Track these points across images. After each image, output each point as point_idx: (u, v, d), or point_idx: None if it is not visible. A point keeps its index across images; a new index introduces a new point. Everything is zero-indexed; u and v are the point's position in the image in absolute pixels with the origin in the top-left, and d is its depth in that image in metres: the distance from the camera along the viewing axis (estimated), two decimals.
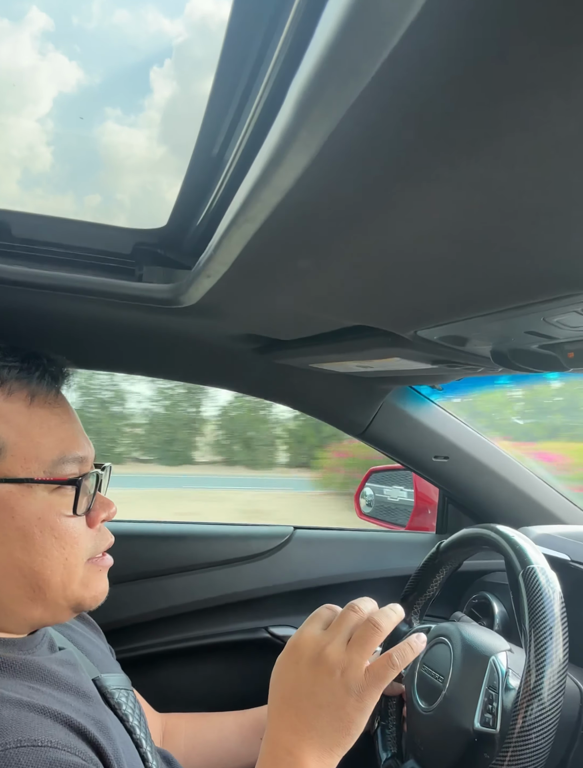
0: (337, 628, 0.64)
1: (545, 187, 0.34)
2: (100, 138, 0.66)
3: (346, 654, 0.62)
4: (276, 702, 0.63)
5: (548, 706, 0.70)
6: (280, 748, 0.60)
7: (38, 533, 0.62)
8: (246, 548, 1.40)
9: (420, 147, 0.32)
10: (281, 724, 0.61)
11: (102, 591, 0.69)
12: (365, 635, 0.63)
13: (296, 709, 0.61)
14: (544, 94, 0.26)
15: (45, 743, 0.52)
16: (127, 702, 0.74)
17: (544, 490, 1.37)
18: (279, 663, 0.67)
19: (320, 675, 0.61)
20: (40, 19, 0.58)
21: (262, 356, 1.03)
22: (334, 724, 0.60)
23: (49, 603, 0.64)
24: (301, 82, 0.30)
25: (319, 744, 0.59)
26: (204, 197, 0.59)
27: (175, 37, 0.57)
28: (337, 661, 0.61)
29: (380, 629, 0.64)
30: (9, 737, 0.51)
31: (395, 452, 1.38)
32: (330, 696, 0.60)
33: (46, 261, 0.67)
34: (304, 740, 0.59)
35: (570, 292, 0.50)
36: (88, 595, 0.67)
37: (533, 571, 0.79)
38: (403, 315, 0.68)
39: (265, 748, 0.62)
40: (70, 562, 0.64)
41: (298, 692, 0.62)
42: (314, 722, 0.60)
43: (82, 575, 0.66)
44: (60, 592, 0.64)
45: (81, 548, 0.66)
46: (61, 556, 0.63)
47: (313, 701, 0.61)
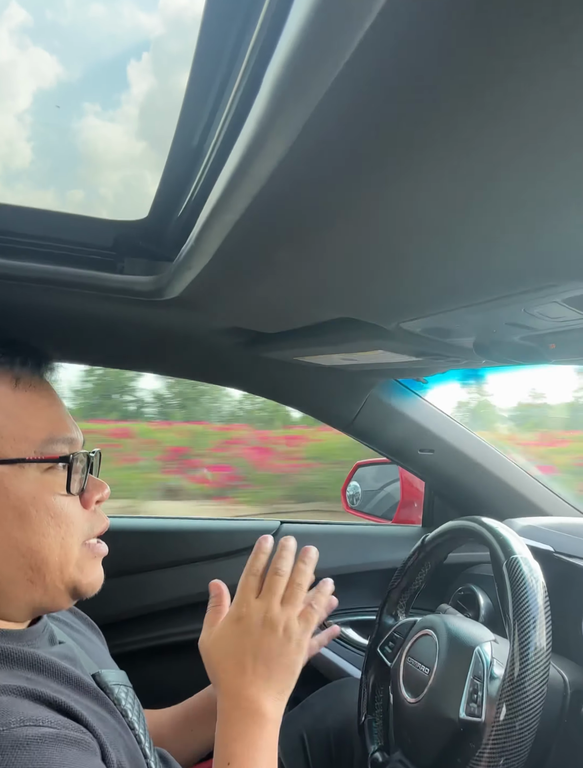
0: (270, 594, 0.75)
1: (525, 179, 0.35)
2: (80, 133, 0.66)
3: (283, 613, 0.74)
4: (228, 667, 0.73)
5: (532, 695, 0.71)
6: (243, 700, 0.70)
7: (34, 512, 0.63)
8: (232, 543, 1.40)
9: (396, 138, 0.32)
10: (240, 681, 0.71)
11: (97, 578, 0.70)
12: (294, 594, 0.76)
13: (252, 667, 0.71)
14: (520, 82, 0.26)
15: (46, 723, 0.54)
16: (126, 698, 0.74)
17: (528, 482, 1.38)
18: (222, 633, 0.75)
19: (266, 635, 0.73)
20: (18, 15, 0.57)
21: (247, 350, 1.03)
22: (283, 671, 0.72)
23: (48, 585, 0.65)
24: (274, 72, 0.30)
25: (275, 690, 0.71)
26: (184, 189, 0.58)
27: (152, 30, 0.57)
28: (278, 621, 0.73)
29: (302, 585, 0.77)
30: (11, 717, 0.52)
31: (381, 446, 1.38)
32: (278, 649, 0.72)
33: (26, 253, 0.66)
34: (262, 689, 0.71)
35: (550, 282, 0.50)
36: (85, 581, 0.68)
37: (516, 562, 0.79)
38: (386, 307, 0.68)
39: (228, 703, 0.71)
40: (67, 541, 0.65)
41: (252, 653, 0.72)
42: (267, 674, 0.71)
43: (77, 558, 0.67)
44: (57, 574, 0.65)
45: (76, 528, 0.66)
46: (57, 535, 0.64)
47: (265, 657, 0.72)
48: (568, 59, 0.24)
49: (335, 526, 1.55)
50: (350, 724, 1.13)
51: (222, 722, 0.71)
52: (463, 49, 0.24)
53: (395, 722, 0.95)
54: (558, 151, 0.31)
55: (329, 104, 0.29)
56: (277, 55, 0.30)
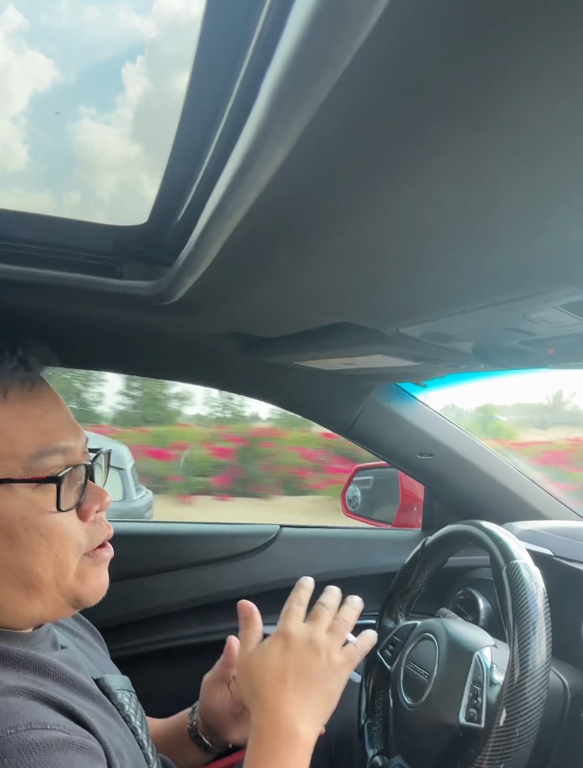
0: (317, 621, 0.77)
1: (524, 184, 0.35)
2: (76, 136, 0.66)
3: (327, 640, 0.76)
4: (270, 681, 0.73)
5: (532, 701, 0.71)
6: (281, 717, 0.70)
7: (23, 532, 0.61)
8: (232, 547, 1.40)
9: (394, 143, 0.32)
10: (279, 698, 0.71)
11: (101, 585, 0.68)
12: (339, 626, 0.78)
13: (293, 685, 0.72)
14: (518, 89, 0.26)
15: (53, 726, 0.54)
16: (129, 703, 0.74)
17: (528, 486, 1.38)
18: (268, 649, 0.76)
19: (310, 657, 0.74)
20: (15, 18, 0.57)
21: (246, 354, 1.03)
22: (321, 696, 0.73)
23: (47, 599, 0.63)
24: (273, 78, 0.30)
25: (311, 713, 0.72)
26: (184, 194, 0.58)
27: (147, 33, 0.57)
28: (322, 646, 0.75)
29: (347, 621, 0.79)
30: (19, 720, 0.52)
31: (381, 450, 1.38)
32: (319, 673, 0.73)
33: (25, 258, 0.66)
34: (300, 710, 0.71)
35: (549, 288, 0.50)
36: (86, 590, 0.66)
37: (516, 567, 0.79)
38: (385, 312, 0.68)
39: (264, 719, 0.71)
40: (61, 558, 0.63)
41: (294, 671, 0.73)
42: (307, 694, 0.72)
43: (77, 569, 0.65)
44: (55, 588, 0.63)
45: (72, 543, 0.64)
46: (50, 553, 0.62)
47: (306, 678, 0.73)
48: (567, 66, 0.24)
49: (334, 530, 1.55)
50: (350, 728, 1.12)
51: (255, 738, 0.71)
52: (461, 55, 0.24)
53: (394, 726, 0.94)
54: (557, 157, 0.31)
55: (328, 110, 0.29)
56: (276, 61, 0.30)
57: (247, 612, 0.82)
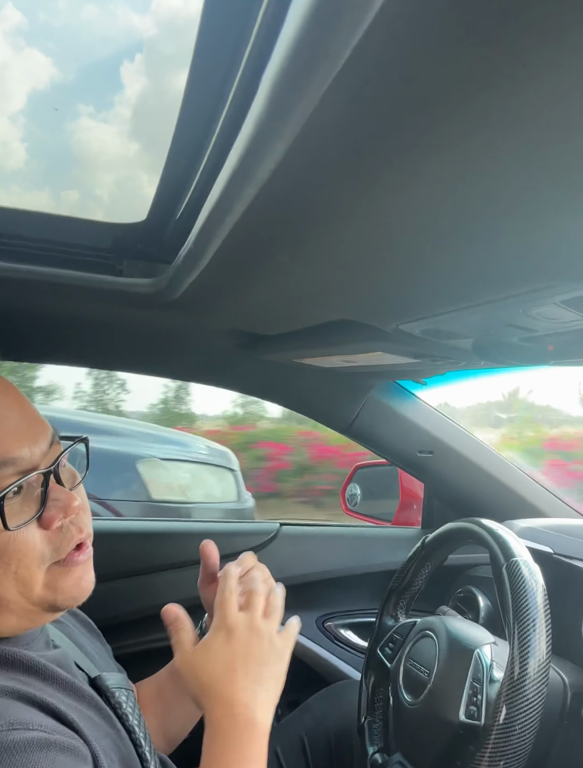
0: (252, 608, 0.77)
1: (523, 181, 0.35)
2: (74, 134, 0.66)
3: (266, 625, 0.76)
4: (219, 673, 0.72)
5: (532, 698, 0.71)
6: (237, 706, 0.70)
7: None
8: (232, 545, 1.40)
9: (394, 138, 0.32)
10: (233, 686, 0.71)
11: (80, 589, 0.65)
12: (273, 612, 0.78)
13: (243, 671, 0.72)
14: (517, 87, 0.26)
15: (35, 726, 0.53)
16: (127, 701, 0.73)
17: (527, 483, 1.38)
18: (211, 644, 0.74)
19: (254, 642, 0.74)
20: (14, 16, 0.57)
21: (246, 352, 1.03)
22: (272, 679, 0.74)
23: (19, 612, 0.61)
24: (272, 75, 0.30)
25: (264, 697, 0.72)
26: (183, 191, 0.58)
27: (145, 31, 0.57)
28: (263, 630, 0.75)
29: (279, 606, 0.79)
30: (1, 720, 0.51)
31: (381, 448, 1.38)
32: (266, 657, 0.74)
33: (25, 256, 0.66)
34: (254, 696, 0.71)
35: (548, 283, 0.50)
36: (61, 597, 0.63)
37: (516, 564, 0.79)
38: (385, 309, 0.68)
39: (219, 712, 0.70)
40: (21, 574, 0.59)
41: (243, 658, 0.73)
42: (259, 678, 0.72)
43: (44, 580, 0.61)
44: (23, 601, 0.60)
45: (32, 558, 0.60)
46: (7, 572, 0.58)
47: (255, 663, 0.73)
48: (566, 63, 0.24)
49: (334, 528, 1.55)
50: (350, 726, 1.12)
51: (212, 733, 0.69)
52: (460, 52, 0.24)
53: (394, 724, 0.95)
54: (556, 154, 0.31)
55: (327, 106, 0.29)
56: (274, 58, 0.30)
57: (172, 617, 0.79)
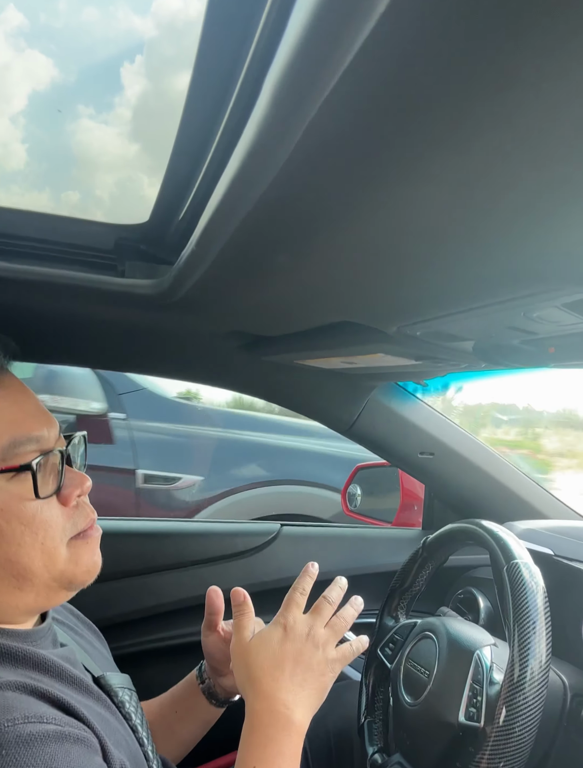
0: (318, 615, 0.79)
1: (524, 185, 0.35)
2: (75, 135, 0.66)
3: (325, 635, 0.77)
4: (267, 668, 0.74)
5: (532, 700, 0.71)
6: (278, 704, 0.71)
7: (5, 524, 0.60)
8: (233, 545, 1.40)
9: (396, 143, 0.32)
10: (276, 685, 0.72)
11: (94, 564, 0.68)
12: (338, 624, 0.79)
13: (290, 673, 0.73)
14: (520, 90, 0.26)
15: (49, 720, 0.54)
16: (130, 701, 0.74)
17: (528, 485, 1.38)
18: (267, 637, 0.76)
19: (308, 648, 0.75)
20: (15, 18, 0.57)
21: (247, 353, 1.03)
22: (316, 688, 0.74)
23: (39, 587, 0.63)
24: (275, 78, 0.30)
25: (305, 703, 0.73)
26: (185, 193, 0.58)
27: (145, 33, 0.57)
28: (320, 639, 0.76)
29: (346, 621, 0.81)
30: (16, 713, 0.52)
31: (381, 449, 1.38)
32: (315, 666, 0.75)
33: (28, 256, 0.66)
34: (296, 698, 0.72)
35: (550, 287, 0.50)
36: (80, 570, 0.66)
37: (516, 566, 0.79)
38: (386, 311, 0.68)
39: (260, 705, 0.72)
40: (47, 545, 0.63)
41: (292, 661, 0.74)
42: (304, 684, 0.73)
43: (67, 554, 0.64)
44: (46, 575, 0.63)
45: (56, 530, 0.64)
46: (35, 542, 0.62)
47: (303, 669, 0.74)
48: (566, 68, 0.24)
49: (334, 529, 1.55)
50: (350, 726, 1.13)
51: (251, 725, 0.72)
52: (462, 57, 0.24)
53: (394, 724, 0.95)
54: (557, 158, 0.31)
55: (330, 110, 0.29)
56: (277, 60, 0.30)
57: (240, 599, 0.82)
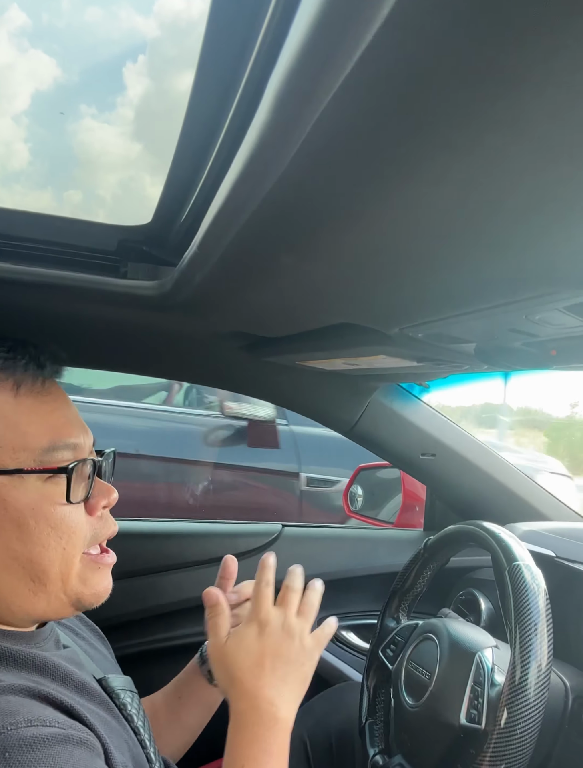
0: (288, 605, 0.79)
1: (527, 187, 0.35)
2: (77, 135, 0.66)
3: (298, 624, 0.77)
4: (248, 666, 0.73)
5: (533, 702, 0.71)
6: (263, 701, 0.71)
7: (33, 523, 0.62)
8: (234, 546, 1.40)
9: (399, 144, 0.32)
10: (259, 682, 0.72)
11: (103, 588, 0.69)
12: (307, 611, 0.80)
13: (271, 669, 0.73)
14: (524, 93, 0.26)
15: (52, 723, 0.54)
16: (132, 703, 0.74)
17: (530, 487, 1.38)
18: (243, 635, 0.76)
19: (285, 640, 0.75)
20: (18, 18, 0.58)
21: (249, 354, 1.03)
22: (298, 679, 0.74)
23: (51, 597, 0.64)
24: (278, 79, 0.30)
25: (289, 696, 0.73)
26: (188, 194, 0.58)
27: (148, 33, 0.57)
28: (295, 630, 0.76)
29: (314, 605, 0.81)
30: (19, 717, 0.53)
31: (383, 450, 1.38)
32: (294, 656, 0.75)
33: (30, 258, 0.66)
34: (280, 693, 0.72)
35: (552, 290, 0.50)
36: (88, 592, 0.67)
37: (518, 568, 0.79)
38: (388, 313, 0.68)
39: (244, 705, 0.72)
40: (68, 551, 0.64)
41: (272, 655, 0.74)
42: (285, 678, 0.73)
43: (79, 569, 0.65)
44: (59, 585, 0.64)
45: (79, 537, 0.65)
46: (58, 546, 0.63)
47: (283, 662, 0.74)
48: (570, 71, 0.24)
49: (336, 530, 1.55)
50: (351, 728, 1.12)
51: (236, 724, 0.72)
52: (465, 60, 0.24)
53: (395, 726, 0.95)
54: (561, 161, 0.31)
55: (334, 111, 0.29)
56: (281, 62, 0.30)
57: (214, 600, 0.81)
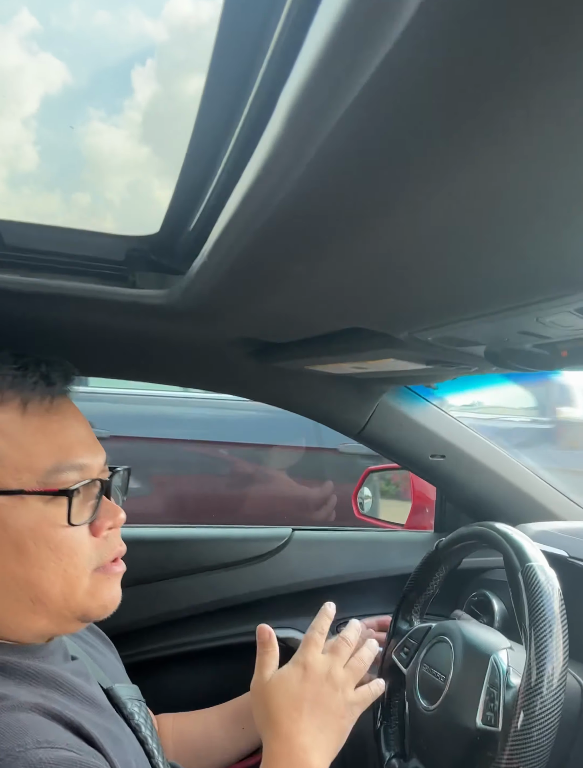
0: (337, 655, 0.78)
1: (538, 189, 0.35)
2: (85, 138, 0.66)
3: (344, 675, 0.76)
4: (286, 709, 0.73)
5: (549, 703, 0.70)
6: (296, 747, 0.70)
7: (32, 545, 0.60)
8: (245, 551, 1.40)
9: (412, 155, 0.32)
10: (294, 727, 0.71)
11: (112, 599, 0.67)
12: (357, 665, 0.79)
13: (309, 715, 0.72)
14: (534, 98, 0.26)
15: (61, 745, 0.54)
16: (139, 712, 0.74)
17: (541, 486, 1.37)
18: (286, 676, 0.75)
19: (327, 689, 0.74)
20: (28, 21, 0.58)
21: (257, 359, 1.03)
22: (335, 731, 0.73)
23: (52, 614, 0.63)
24: (292, 89, 0.30)
25: (324, 745, 0.71)
26: (197, 203, 0.58)
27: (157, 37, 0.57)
28: (340, 681, 0.75)
29: (364, 662, 0.80)
30: (28, 738, 0.52)
31: (392, 452, 1.38)
32: (334, 708, 0.73)
33: (39, 269, 0.67)
34: (314, 741, 0.71)
35: (563, 292, 0.50)
36: (96, 605, 0.65)
37: (532, 569, 0.79)
38: (398, 317, 0.68)
39: (279, 748, 0.71)
40: (70, 573, 0.62)
41: (311, 701, 0.73)
42: (322, 727, 0.72)
43: (88, 585, 0.64)
44: (62, 603, 0.63)
45: (81, 559, 0.63)
46: (58, 568, 0.62)
47: (322, 710, 0.72)
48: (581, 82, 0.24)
49: (346, 533, 1.54)
50: (365, 730, 1.12)
51: (267, 765, 0.71)
52: (478, 73, 0.24)
53: (410, 729, 0.94)
54: (573, 163, 0.31)
55: (347, 122, 0.29)
56: (295, 70, 0.30)
57: (266, 636, 0.81)
